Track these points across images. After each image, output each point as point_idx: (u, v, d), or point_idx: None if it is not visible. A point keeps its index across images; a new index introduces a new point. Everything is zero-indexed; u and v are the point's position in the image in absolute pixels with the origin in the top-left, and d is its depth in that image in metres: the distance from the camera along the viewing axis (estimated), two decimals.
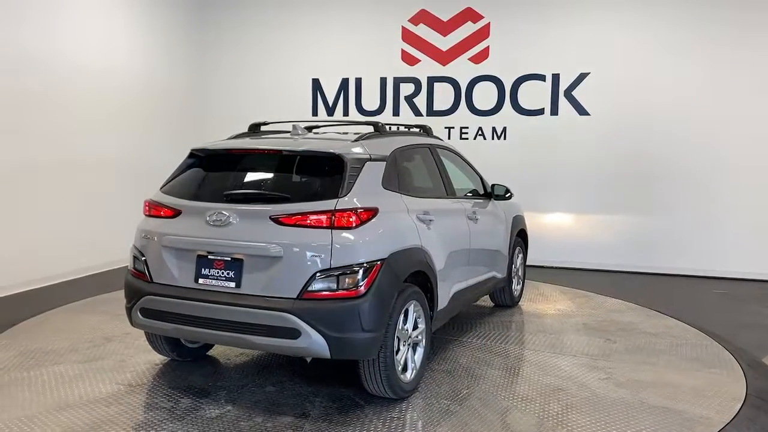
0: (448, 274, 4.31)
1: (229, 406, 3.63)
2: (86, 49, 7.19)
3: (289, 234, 3.38)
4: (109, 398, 3.73)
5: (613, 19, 8.07)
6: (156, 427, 3.37)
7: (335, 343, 3.30)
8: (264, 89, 9.12)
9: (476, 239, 4.84)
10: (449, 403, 3.75)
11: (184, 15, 9.01)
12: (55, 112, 6.75)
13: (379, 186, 3.74)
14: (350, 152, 3.69)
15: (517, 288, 6.12)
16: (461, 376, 4.20)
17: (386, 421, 3.47)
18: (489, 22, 8.45)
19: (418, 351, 3.91)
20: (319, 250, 3.33)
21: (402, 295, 3.60)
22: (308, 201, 3.45)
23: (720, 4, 7.63)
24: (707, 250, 7.85)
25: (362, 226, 3.42)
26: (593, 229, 8.30)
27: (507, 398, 3.85)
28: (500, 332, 5.25)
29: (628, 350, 4.80)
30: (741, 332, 5.43)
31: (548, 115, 8.36)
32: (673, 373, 4.29)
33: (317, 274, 3.31)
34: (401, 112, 8.82)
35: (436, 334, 4.88)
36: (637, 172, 8.04)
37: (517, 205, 6.05)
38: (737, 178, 7.71)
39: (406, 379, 3.73)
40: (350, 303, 3.31)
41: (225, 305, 3.44)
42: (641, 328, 5.42)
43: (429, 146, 4.77)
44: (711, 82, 7.74)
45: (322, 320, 3.28)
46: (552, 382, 4.10)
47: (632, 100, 8.01)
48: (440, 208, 4.40)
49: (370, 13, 8.90)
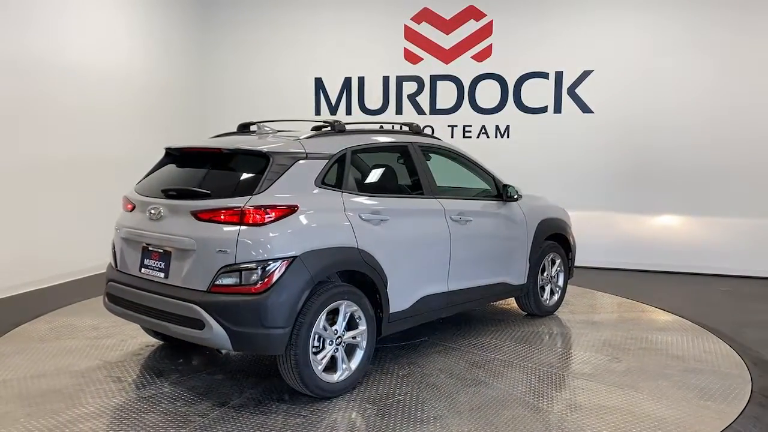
0: (411, 275, 4.19)
1: (168, 388, 3.86)
2: (86, 49, 7.20)
3: (203, 229, 3.54)
4: (84, 372, 4.15)
5: (616, 16, 8.05)
6: (93, 395, 3.76)
7: (236, 337, 3.42)
8: (266, 89, 9.12)
9: (466, 242, 4.64)
10: (372, 407, 3.64)
11: (186, 14, 9.02)
12: (55, 112, 6.75)
13: (312, 184, 3.76)
14: (278, 150, 3.77)
15: (552, 298, 5.71)
16: (405, 382, 4.02)
17: (289, 417, 3.47)
18: (492, 20, 8.43)
19: (357, 353, 3.86)
20: (226, 245, 3.44)
21: (322, 294, 3.59)
22: (226, 197, 3.59)
23: (727, 1, 7.58)
24: (711, 247, 7.83)
25: (272, 224, 3.49)
26: (596, 227, 8.26)
27: (435, 408, 3.63)
28: (498, 340, 4.93)
29: (628, 370, 4.31)
30: (746, 330, 5.40)
31: (551, 113, 8.33)
32: (652, 403, 3.73)
33: (223, 269, 3.43)
34: (404, 111, 8.80)
35: (428, 337, 4.89)
36: (640, 169, 8.02)
37: (546, 209, 5.67)
38: (741, 175, 7.67)
39: (332, 380, 3.70)
40: (251, 298, 3.39)
41: (155, 294, 3.70)
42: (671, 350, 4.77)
43: (407, 145, 4.60)
44: (715, 79, 7.70)
45: (224, 314, 3.40)
46: (495, 396, 3.82)
47: (636, 97, 7.98)
48: (403, 208, 4.27)
49: (372, 12, 8.89)
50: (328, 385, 3.69)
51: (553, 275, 5.69)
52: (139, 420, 3.42)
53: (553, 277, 5.71)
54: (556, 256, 5.67)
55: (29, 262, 6.43)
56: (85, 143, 7.16)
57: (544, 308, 5.62)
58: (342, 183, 3.94)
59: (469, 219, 4.69)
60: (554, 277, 5.71)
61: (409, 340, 4.83)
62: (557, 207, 5.87)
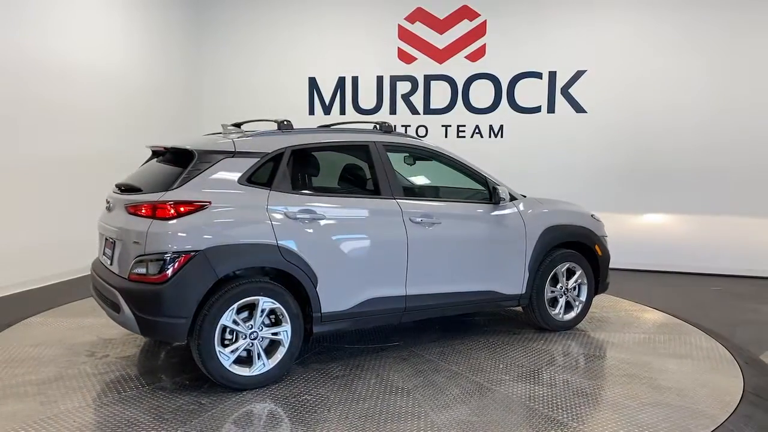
0: (351, 276, 4.15)
1: (122, 372, 4.12)
2: (83, 48, 7.16)
3: (128, 221, 3.83)
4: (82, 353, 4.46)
5: (609, 16, 8.09)
6: (65, 379, 3.99)
7: (142, 323, 3.66)
8: (260, 88, 9.11)
9: (433, 245, 4.47)
10: (271, 403, 3.64)
11: (181, 14, 8.99)
12: (53, 112, 6.71)
13: (234, 182, 3.88)
14: (204, 148, 3.96)
15: (569, 313, 5.20)
16: (330, 384, 3.96)
17: (189, 403, 3.62)
18: (485, 20, 8.45)
19: (280, 350, 3.89)
20: (139, 237, 3.69)
21: (232, 288, 3.70)
22: (152, 192, 3.84)
23: (721, 2, 7.64)
24: (702, 247, 7.89)
25: (179, 218, 3.67)
26: None
27: (329, 413, 3.52)
28: (470, 350, 4.63)
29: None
30: (738, 329, 5.44)
31: (545, 112, 8.37)
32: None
33: (136, 259, 3.68)
34: (398, 111, 8.82)
35: (402, 342, 4.81)
36: (633, 169, 8.07)
37: (558, 214, 5.19)
38: (731, 176, 7.74)
39: (244, 373, 3.79)
40: (154, 288, 3.60)
41: (103, 281, 4.01)
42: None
43: (368, 144, 4.49)
44: (707, 79, 7.76)
45: (134, 300, 3.67)
46: (386, 409, 3.59)
47: (629, 97, 8.03)
48: (344, 208, 4.20)
49: (366, 12, 8.89)
50: (239, 377, 3.78)
51: (570, 287, 5.20)
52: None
53: (571, 289, 5.21)
54: (574, 266, 5.18)
55: (28, 262, 6.39)
56: (81, 142, 7.11)
57: (554, 323, 5.14)
58: (272, 181, 3.99)
59: (437, 222, 4.50)
60: (572, 289, 5.21)
61: (381, 343, 4.77)
62: (580, 213, 5.38)
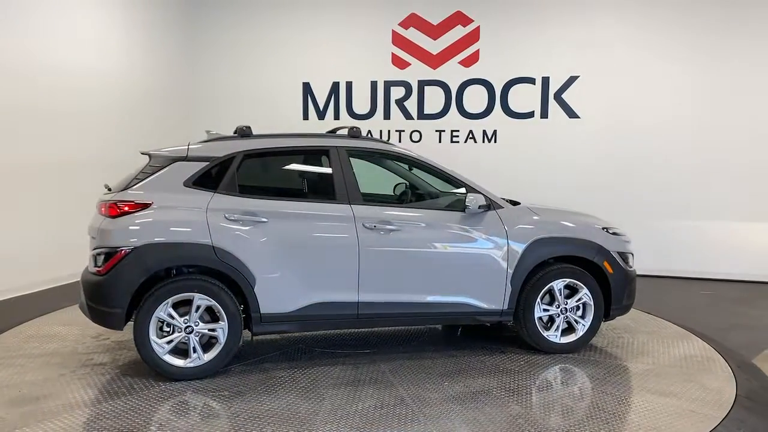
0: (295, 279, 4.17)
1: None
2: (77, 51, 7.14)
3: (95, 218, 4.20)
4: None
5: (602, 22, 8.16)
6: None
7: (90, 311, 4.06)
8: (254, 93, 9.11)
9: (389, 252, 4.37)
10: (192, 395, 3.81)
11: (174, 18, 8.98)
12: (49, 115, 6.70)
13: (179, 184, 4.12)
14: (159, 153, 4.25)
15: (568, 336, 4.72)
16: (267, 383, 4.02)
17: (118, 386, 3.92)
18: (479, 26, 8.51)
19: (216, 346, 4.08)
20: (95, 233, 4.11)
21: (168, 284, 3.96)
22: (114, 192, 4.16)
23: (711, 8, 7.74)
24: (693, 251, 7.97)
25: (121, 217, 4.00)
26: None
27: (247, 407, 3.61)
28: (436, 366, 4.42)
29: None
30: (730, 333, 5.50)
31: (538, 118, 8.42)
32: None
33: (93, 252, 4.07)
34: (392, 116, 8.85)
35: (377, 349, 4.79)
36: (625, 174, 8.14)
37: (552, 225, 4.73)
38: (722, 181, 7.82)
39: (177, 364, 4.02)
40: (96, 279, 4.00)
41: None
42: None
43: (329, 149, 4.49)
44: (700, 85, 7.85)
45: (86, 290, 4.10)
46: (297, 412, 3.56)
47: (622, 102, 8.10)
48: (289, 212, 4.24)
49: (360, 17, 8.92)
50: (171, 368, 4.02)
51: (570, 307, 4.70)
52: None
53: (572, 309, 4.70)
54: (576, 284, 4.68)
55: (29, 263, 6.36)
56: (78, 146, 7.10)
57: (547, 344, 4.68)
58: (218, 184, 4.19)
59: (394, 228, 4.37)
60: (573, 309, 4.71)
61: (357, 349, 4.79)
62: (584, 225, 4.87)
